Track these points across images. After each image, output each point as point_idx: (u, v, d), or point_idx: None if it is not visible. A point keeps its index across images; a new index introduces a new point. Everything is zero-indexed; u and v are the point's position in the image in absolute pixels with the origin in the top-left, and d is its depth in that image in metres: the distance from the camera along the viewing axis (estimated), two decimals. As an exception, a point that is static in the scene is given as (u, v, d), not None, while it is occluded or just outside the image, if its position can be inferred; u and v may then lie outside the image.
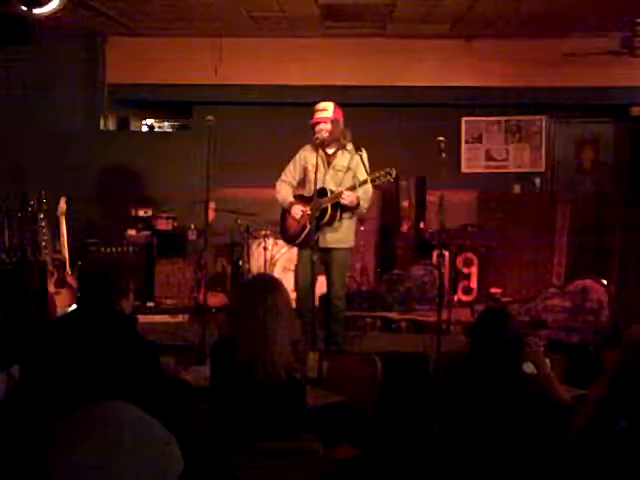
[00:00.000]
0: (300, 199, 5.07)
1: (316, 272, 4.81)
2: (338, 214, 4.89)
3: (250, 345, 2.67)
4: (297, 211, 4.98)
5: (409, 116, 7.66)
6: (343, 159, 4.93)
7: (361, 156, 4.87)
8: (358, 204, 4.83)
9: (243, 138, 7.38)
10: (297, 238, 5.04)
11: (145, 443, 1.17)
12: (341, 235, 4.96)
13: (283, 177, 5.12)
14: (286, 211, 5.09)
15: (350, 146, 4.93)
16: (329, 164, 4.92)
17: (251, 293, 2.82)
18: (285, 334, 2.75)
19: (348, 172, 4.91)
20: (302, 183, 5.15)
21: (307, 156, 5.03)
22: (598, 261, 6.63)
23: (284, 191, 5.09)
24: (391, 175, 4.70)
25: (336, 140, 4.90)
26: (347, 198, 4.76)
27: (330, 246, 4.93)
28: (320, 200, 4.78)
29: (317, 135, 4.85)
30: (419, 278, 6.77)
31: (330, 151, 4.94)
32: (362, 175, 4.83)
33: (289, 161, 5.16)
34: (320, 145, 4.88)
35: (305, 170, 5.05)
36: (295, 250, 5.35)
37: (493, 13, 6.38)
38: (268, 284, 2.85)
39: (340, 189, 4.82)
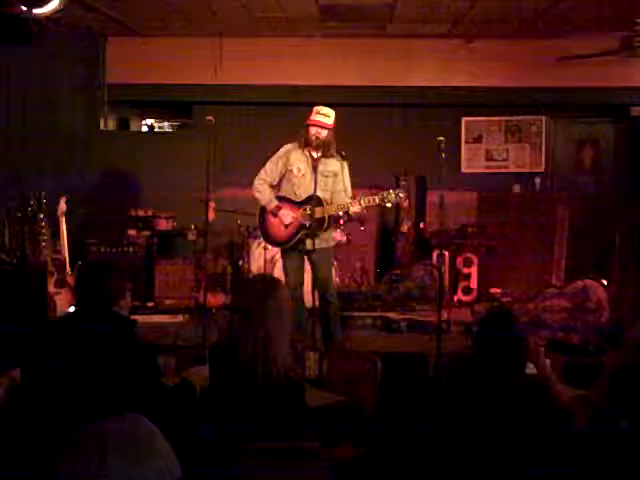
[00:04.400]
0: (287, 202, 4.99)
1: (303, 272, 4.92)
2: (331, 220, 4.96)
3: (251, 345, 2.68)
4: (287, 217, 4.92)
5: (409, 116, 7.67)
6: (330, 164, 4.92)
7: (346, 164, 4.93)
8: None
9: (243, 138, 7.38)
10: (287, 243, 5.00)
11: (152, 457, 1.19)
12: (326, 235, 4.98)
13: (263, 176, 5.02)
14: (269, 212, 5.00)
15: (336, 153, 4.94)
16: (314, 168, 4.85)
17: (252, 293, 2.82)
18: (285, 334, 2.75)
19: (335, 177, 4.93)
20: (278, 184, 5.08)
21: (292, 158, 4.97)
22: (598, 261, 6.62)
23: (266, 192, 5.00)
24: (400, 197, 4.78)
25: (328, 148, 4.89)
26: (356, 212, 4.82)
27: (317, 246, 4.90)
28: (318, 208, 4.74)
29: (314, 136, 4.83)
30: (419, 278, 6.77)
31: (316, 155, 4.90)
32: (342, 183, 4.92)
33: None
34: (309, 147, 4.86)
35: (287, 172, 5.00)
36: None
37: (493, 13, 6.37)
38: (269, 284, 2.85)
39: (327, 194, 4.88)
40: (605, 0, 5.95)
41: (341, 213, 5.00)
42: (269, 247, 6.46)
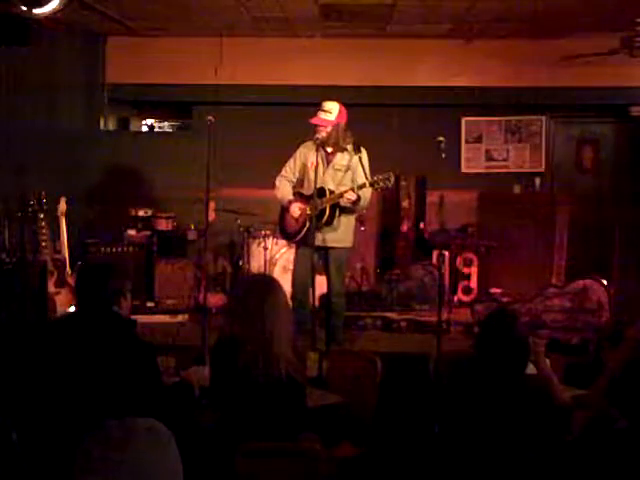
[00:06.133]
0: (299, 197, 5.07)
1: (315, 271, 4.85)
2: (336, 214, 4.91)
3: (251, 345, 2.68)
4: (296, 209, 5.00)
5: (409, 116, 7.67)
6: (343, 158, 4.94)
7: (360, 157, 4.88)
8: (357, 203, 4.84)
9: (243, 138, 7.38)
10: (295, 236, 5.07)
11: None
12: (339, 234, 4.98)
13: (283, 173, 5.13)
14: (285, 208, 5.10)
15: (350, 146, 4.94)
16: (328, 163, 4.93)
17: (250, 294, 2.83)
18: (284, 333, 2.75)
19: (347, 172, 4.93)
20: (301, 180, 5.16)
21: (307, 153, 5.03)
22: (598, 261, 6.62)
23: (283, 188, 5.10)
24: (389, 181, 4.74)
25: (335, 143, 4.90)
26: (347, 201, 4.77)
27: (328, 245, 4.95)
28: (319, 200, 4.79)
29: (316, 135, 4.86)
30: (419, 278, 6.77)
31: (330, 150, 4.95)
32: (360, 176, 4.85)
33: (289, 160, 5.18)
34: (319, 144, 4.89)
35: (305, 168, 5.06)
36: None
37: (493, 13, 6.37)
38: (267, 284, 2.86)
39: (341, 188, 4.85)
40: (605, 0, 5.95)
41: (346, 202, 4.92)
42: (269, 247, 6.47)
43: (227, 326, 2.87)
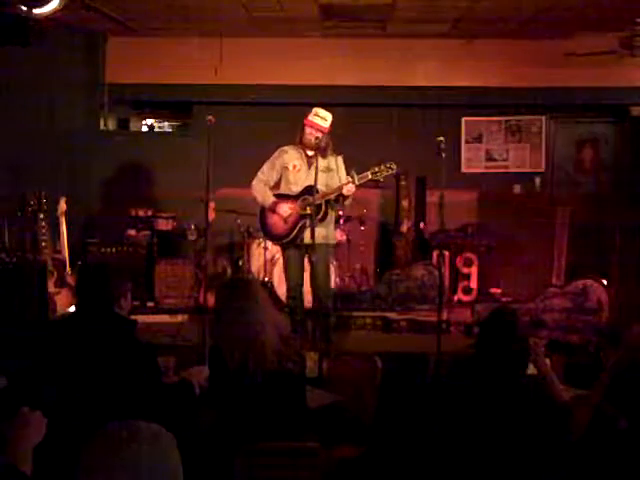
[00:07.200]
0: (283, 198, 5.06)
1: (311, 270, 4.91)
2: (329, 210, 4.96)
3: (239, 348, 2.69)
4: (286, 209, 4.98)
5: (409, 116, 7.67)
6: (324, 160, 4.97)
7: (341, 157, 5.01)
8: (348, 197, 4.89)
9: (243, 138, 7.38)
10: (287, 236, 5.03)
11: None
12: (327, 231, 5.00)
13: (260, 176, 5.13)
14: (268, 210, 5.08)
15: (329, 150, 4.99)
16: (309, 165, 4.96)
17: (222, 301, 2.85)
18: (269, 328, 2.76)
19: (329, 172, 4.98)
20: (277, 184, 5.16)
21: (287, 157, 5.06)
22: (598, 261, 6.62)
23: (263, 191, 5.10)
24: (392, 169, 4.77)
25: (324, 148, 4.92)
26: (347, 192, 4.80)
27: (317, 242, 4.92)
28: (316, 196, 4.77)
29: (308, 137, 4.89)
30: (419, 278, 6.77)
31: (310, 153, 4.97)
32: (342, 175, 4.92)
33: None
34: (303, 146, 4.93)
35: (284, 171, 5.07)
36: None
37: (493, 13, 6.38)
38: (236, 289, 2.87)
39: (324, 189, 4.86)
40: (605, 0, 5.95)
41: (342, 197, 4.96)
42: (269, 247, 6.47)
43: (213, 331, 2.89)
